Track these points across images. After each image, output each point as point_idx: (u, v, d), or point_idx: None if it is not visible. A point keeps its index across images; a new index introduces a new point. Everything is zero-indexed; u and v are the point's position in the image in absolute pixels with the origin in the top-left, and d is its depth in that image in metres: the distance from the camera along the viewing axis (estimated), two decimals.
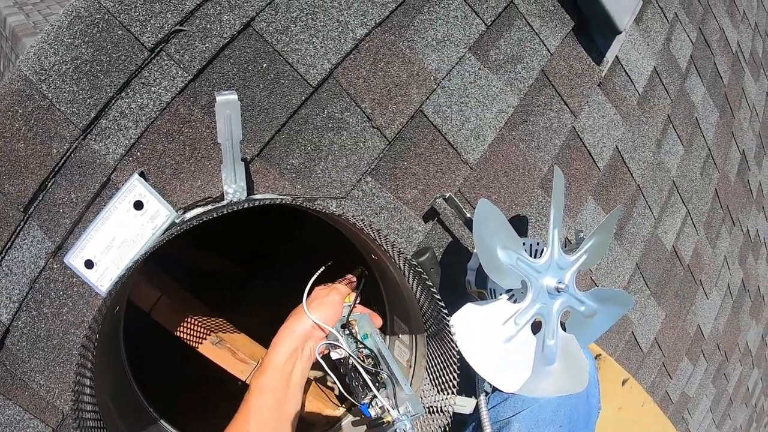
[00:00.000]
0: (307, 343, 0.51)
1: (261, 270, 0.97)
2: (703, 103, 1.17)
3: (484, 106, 0.78)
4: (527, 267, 0.67)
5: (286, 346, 0.50)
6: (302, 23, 0.67)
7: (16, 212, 0.62)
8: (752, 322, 1.40)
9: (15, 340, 0.67)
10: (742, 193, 1.36)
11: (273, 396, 0.48)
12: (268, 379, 0.48)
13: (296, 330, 0.51)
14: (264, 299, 0.94)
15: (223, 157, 0.53)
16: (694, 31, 1.15)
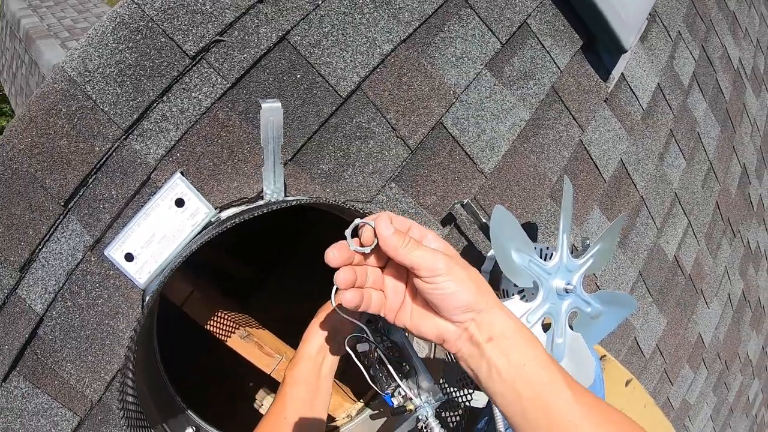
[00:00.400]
0: (335, 337, 0.55)
1: (276, 269, 1.02)
2: (704, 118, 1.23)
3: (499, 120, 0.84)
4: (538, 269, 0.72)
5: (317, 339, 0.54)
6: (333, 38, 0.73)
7: (57, 206, 0.66)
8: (753, 333, 1.44)
9: (48, 330, 0.72)
10: (742, 205, 1.41)
11: (306, 387, 0.52)
12: (301, 371, 0.52)
13: (326, 324, 0.55)
14: (280, 297, 0.98)
15: (265, 159, 0.58)
16: (697, 48, 1.22)
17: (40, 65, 2.18)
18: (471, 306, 0.36)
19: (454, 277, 0.36)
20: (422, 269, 0.36)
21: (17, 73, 3.09)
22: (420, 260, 0.36)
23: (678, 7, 1.14)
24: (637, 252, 1.03)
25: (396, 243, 0.36)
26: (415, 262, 0.36)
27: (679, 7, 1.14)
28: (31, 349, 0.73)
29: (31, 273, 0.71)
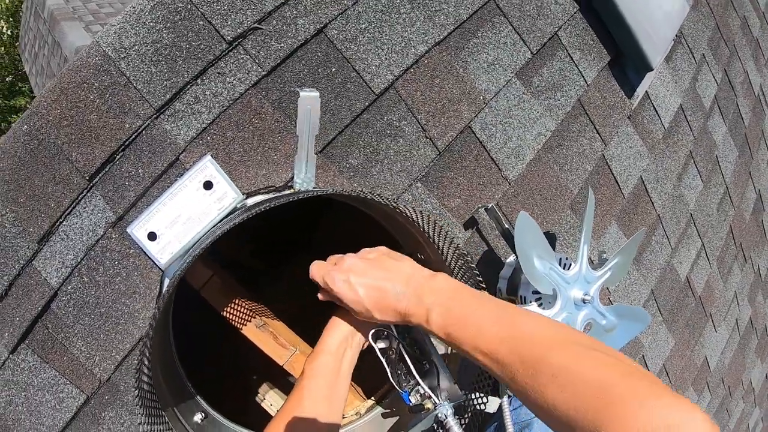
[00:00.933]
0: (356, 332, 0.55)
1: (290, 261, 1.02)
2: (723, 142, 1.25)
3: (525, 128, 0.86)
4: (558, 277, 0.73)
5: (337, 333, 0.54)
6: (370, 35, 0.75)
7: (81, 180, 0.66)
8: (757, 360, 1.45)
9: (62, 305, 0.72)
10: (755, 231, 1.43)
11: (325, 380, 0.51)
12: (320, 364, 0.52)
13: (347, 319, 0.54)
14: (294, 289, 0.98)
15: (299, 148, 0.59)
16: (720, 72, 1.25)
17: (63, 47, 2.18)
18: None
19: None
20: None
21: (39, 54, 3.09)
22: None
23: (703, 30, 1.16)
24: (651, 270, 1.05)
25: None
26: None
27: (705, 30, 1.17)
28: (43, 323, 0.73)
29: (50, 246, 0.71)
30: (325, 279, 0.50)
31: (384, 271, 0.48)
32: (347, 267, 0.49)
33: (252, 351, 0.72)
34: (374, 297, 0.47)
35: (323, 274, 0.50)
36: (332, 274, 0.49)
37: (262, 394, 0.90)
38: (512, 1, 0.85)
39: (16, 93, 5.48)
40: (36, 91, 3.07)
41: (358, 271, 0.48)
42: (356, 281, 0.47)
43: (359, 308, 0.47)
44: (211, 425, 0.70)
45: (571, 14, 0.90)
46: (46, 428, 0.75)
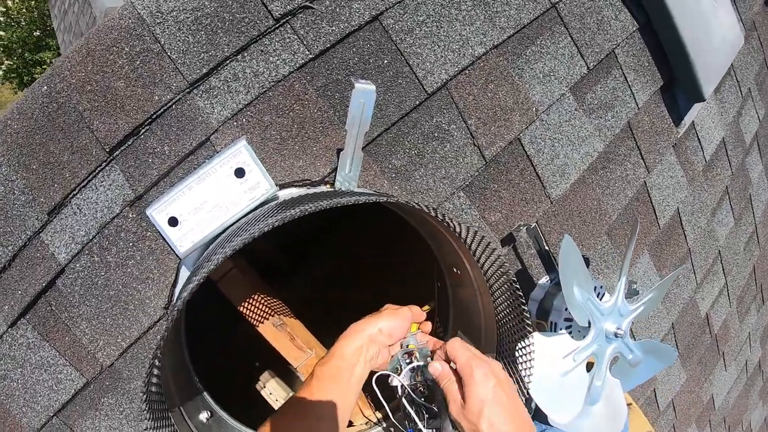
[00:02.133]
0: (371, 346, 0.52)
1: (311, 257, 0.98)
2: (759, 180, 1.22)
3: (574, 146, 0.81)
4: (594, 308, 0.70)
5: (354, 342, 0.51)
6: (427, 29, 0.69)
7: (101, 152, 0.59)
8: (759, 403, 1.44)
9: (68, 282, 0.67)
10: None
11: (335, 385, 0.49)
12: (332, 368, 0.49)
13: (365, 330, 0.52)
14: (314, 290, 0.94)
15: (346, 143, 0.54)
16: (763, 108, 1.21)
17: (93, 6, 2.08)
18: None
19: None
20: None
21: (68, 11, 2.95)
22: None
23: (752, 64, 1.13)
24: (675, 304, 1.02)
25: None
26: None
27: (753, 65, 1.13)
28: (46, 299, 0.68)
29: (60, 218, 0.66)
30: (471, 360, 0.47)
31: (520, 407, 0.47)
32: (497, 372, 0.47)
33: (259, 341, 0.69)
34: (499, 415, 0.44)
35: (470, 355, 0.48)
36: (480, 361, 0.47)
37: (263, 382, 0.86)
38: (574, 12, 0.80)
39: (42, 48, 5.37)
40: (62, 48, 2.97)
41: (504, 384, 0.47)
42: (497, 389, 0.45)
43: (476, 407, 0.44)
44: (217, 425, 0.66)
45: (630, 32, 0.86)
46: (41, 408, 0.70)
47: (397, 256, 0.73)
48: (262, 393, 0.87)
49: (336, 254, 0.94)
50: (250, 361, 0.79)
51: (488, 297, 0.59)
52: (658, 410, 1.06)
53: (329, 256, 0.94)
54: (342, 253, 0.92)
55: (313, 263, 0.96)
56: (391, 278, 0.79)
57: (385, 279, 0.70)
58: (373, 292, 0.62)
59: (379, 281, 0.69)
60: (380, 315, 0.54)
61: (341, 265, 0.94)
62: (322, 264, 0.95)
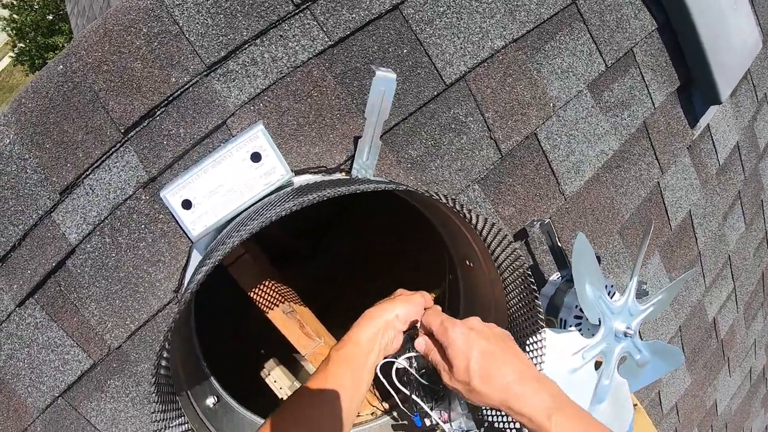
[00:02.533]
0: (387, 332, 0.52)
1: (322, 243, 0.97)
2: None
3: (589, 144, 0.81)
4: (605, 306, 0.70)
5: (369, 328, 0.51)
6: (447, 20, 0.69)
7: (115, 132, 0.59)
8: (761, 411, 1.44)
9: (78, 263, 0.67)
10: None
11: (351, 370, 0.49)
12: (348, 353, 0.49)
13: (381, 316, 0.52)
14: (325, 279, 0.94)
15: (365, 131, 0.54)
16: None
17: None
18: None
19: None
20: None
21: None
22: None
23: None
24: (683, 306, 1.01)
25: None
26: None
27: None
28: (55, 280, 0.68)
29: (72, 199, 0.66)
30: (445, 323, 0.47)
31: (512, 353, 0.46)
32: (471, 325, 0.48)
33: (268, 327, 0.69)
34: (486, 365, 0.44)
35: (442, 319, 0.48)
36: (453, 322, 0.48)
37: (268, 370, 0.86)
38: (593, 8, 0.80)
39: (55, 32, 5.38)
40: (75, 32, 2.96)
41: (482, 334, 0.47)
42: (475, 340, 0.46)
43: (461, 364, 0.45)
44: (223, 410, 0.67)
45: (648, 32, 0.86)
46: (47, 388, 0.70)
47: (409, 244, 0.73)
48: (267, 380, 0.87)
49: (348, 242, 0.94)
50: (259, 348, 0.79)
51: (501, 290, 0.59)
52: (662, 413, 1.06)
53: (341, 243, 0.94)
54: (354, 240, 0.92)
55: (325, 250, 0.96)
56: (403, 265, 0.79)
57: (396, 266, 0.70)
58: (384, 279, 0.61)
59: (390, 268, 0.69)
60: (395, 301, 0.54)
61: (353, 251, 0.94)
62: (333, 251, 0.95)
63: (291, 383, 0.89)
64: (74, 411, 0.71)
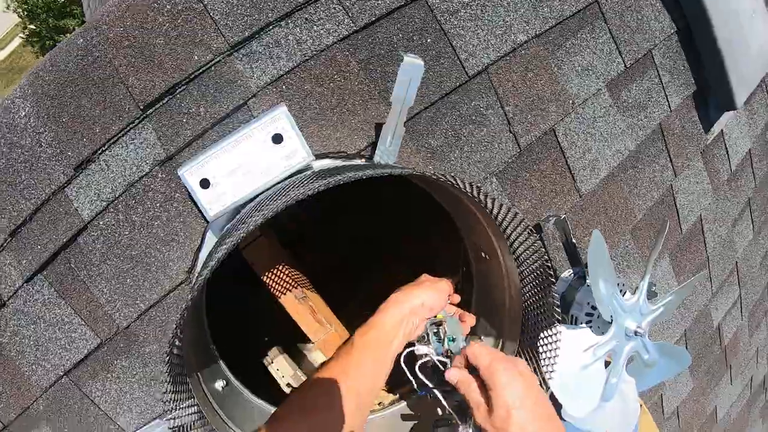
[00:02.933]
0: (412, 319, 0.52)
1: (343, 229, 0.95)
2: None
3: (606, 142, 0.82)
4: (617, 304, 0.71)
5: (393, 313, 0.51)
6: (472, 11, 0.69)
7: (134, 108, 0.59)
8: (759, 421, 1.45)
9: (90, 240, 0.66)
10: None
11: (374, 356, 0.48)
12: (372, 338, 0.49)
13: (407, 302, 0.52)
14: (338, 267, 0.93)
15: (389, 116, 0.54)
16: None
17: None
18: None
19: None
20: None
21: None
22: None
23: None
24: (689, 311, 1.02)
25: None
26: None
27: None
28: (66, 256, 0.67)
29: (87, 174, 0.65)
30: (494, 364, 0.45)
31: (553, 415, 0.45)
32: (524, 371, 0.46)
33: (278, 313, 0.68)
34: (525, 421, 0.42)
35: (492, 358, 0.46)
36: (505, 363, 0.46)
37: (271, 358, 0.86)
38: (615, 9, 0.80)
39: (66, 14, 5.35)
40: (87, 15, 2.93)
41: (531, 387, 0.45)
42: (524, 392, 0.44)
43: (502, 413, 0.43)
44: (231, 394, 0.66)
45: (668, 34, 0.86)
46: (51, 366, 0.70)
47: (423, 235, 0.73)
48: (270, 369, 0.87)
49: (362, 230, 0.93)
50: (268, 334, 0.78)
51: (516, 283, 0.59)
52: (663, 416, 1.07)
53: (355, 232, 0.94)
54: (368, 229, 0.92)
55: (339, 237, 0.95)
56: (417, 256, 0.79)
57: (409, 257, 0.70)
58: (396, 269, 0.61)
59: (403, 259, 0.69)
60: (420, 286, 0.53)
61: (367, 240, 0.94)
62: (347, 239, 0.95)
63: (294, 372, 0.88)
64: (78, 390, 0.70)
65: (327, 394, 0.44)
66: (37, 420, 0.72)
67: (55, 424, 0.72)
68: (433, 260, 0.73)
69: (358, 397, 0.45)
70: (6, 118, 0.61)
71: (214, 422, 0.58)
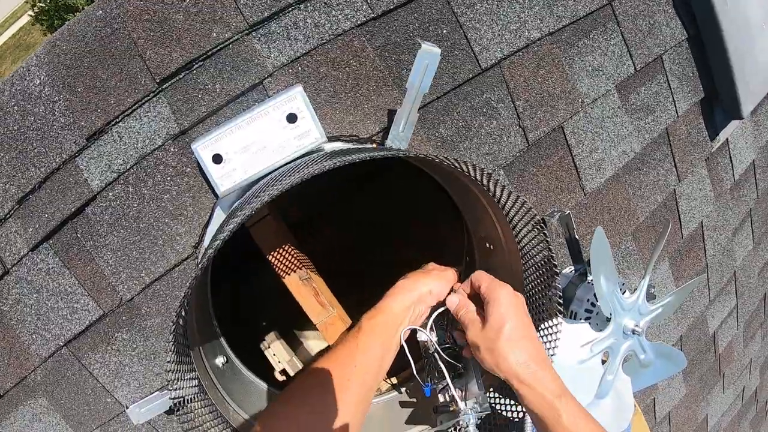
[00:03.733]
0: (418, 306, 0.52)
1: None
2: None
3: (612, 143, 0.84)
4: (617, 301, 0.73)
5: (401, 299, 0.51)
6: (488, 6, 0.71)
7: (150, 82, 0.60)
8: (750, 431, 1.49)
9: (98, 211, 0.67)
10: None
11: (380, 341, 0.49)
12: (380, 322, 0.49)
13: (416, 289, 0.53)
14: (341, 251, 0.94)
15: (404, 102, 0.55)
16: None
17: None
18: None
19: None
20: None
21: None
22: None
23: None
24: (686, 316, 1.04)
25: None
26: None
27: None
28: (73, 226, 0.68)
29: (99, 145, 0.66)
30: (495, 282, 0.50)
31: (535, 334, 0.50)
32: (517, 294, 0.51)
33: (269, 295, 0.69)
34: (517, 333, 0.47)
35: (492, 278, 0.51)
36: (503, 284, 0.50)
37: (268, 342, 0.87)
38: (628, 12, 0.83)
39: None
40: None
41: (523, 305, 0.50)
42: (518, 307, 0.49)
43: (496, 323, 0.47)
44: (231, 371, 0.68)
45: (679, 41, 0.88)
46: (52, 336, 0.71)
47: (429, 223, 0.74)
48: (266, 353, 0.88)
49: (365, 216, 0.95)
50: (267, 318, 0.80)
51: (520, 274, 0.60)
52: (654, 420, 1.09)
53: (358, 217, 0.95)
54: (372, 213, 0.93)
55: (342, 222, 0.97)
56: (420, 244, 0.80)
57: (413, 245, 0.72)
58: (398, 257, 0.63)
59: (407, 247, 0.70)
60: (429, 274, 0.55)
61: (370, 226, 0.95)
62: (350, 224, 0.96)
63: (290, 358, 0.90)
64: (78, 362, 0.71)
65: (333, 377, 0.45)
66: (33, 390, 0.73)
67: (52, 394, 0.73)
68: (441, 248, 0.75)
69: (364, 381, 0.46)
70: (21, 85, 0.62)
71: (213, 397, 0.59)
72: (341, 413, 0.44)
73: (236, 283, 0.82)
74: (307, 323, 0.71)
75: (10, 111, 0.61)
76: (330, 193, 0.94)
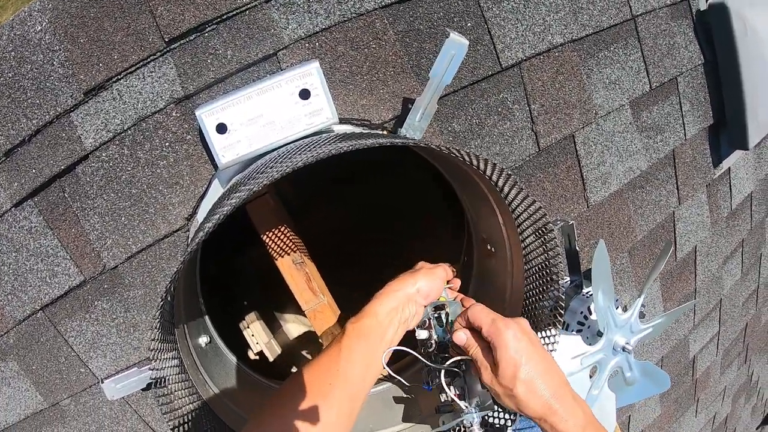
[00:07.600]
0: (407, 306, 0.50)
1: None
2: None
3: (620, 158, 0.82)
4: (611, 317, 0.72)
5: (389, 301, 0.49)
6: (515, 4, 0.68)
7: (158, 40, 0.56)
8: None
9: (89, 171, 0.63)
10: (764, 338, 1.47)
11: (366, 344, 0.47)
12: (364, 326, 0.47)
13: (402, 290, 0.50)
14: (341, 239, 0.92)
15: (425, 91, 0.52)
16: None
17: None
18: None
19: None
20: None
21: None
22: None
23: None
24: (670, 338, 1.04)
25: None
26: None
27: None
28: (60, 184, 0.64)
29: (96, 102, 0.62)
30: (497, 323, 0.45)
31: (555, 367, 0.45)
32: (524, 329, 0.45)
33: (255, 276, 0.66)
34: (532, 375, 0.43)
35: (494, 317, 0.46)
36: (506, 322, 0.45)
37: (248, 323, 0.84)
38: (650, 30, 0.81)
39: None
40: None
41: (533, 341, 0.44)
42: (527, 347, 0.44)
43: (509, 371, 0.43)
44: (213, 352, 0.64)
45: (695, 65, 0.88)
46: (28, 298, 0.67)
47: (429, 217, 0.72)
48: (245, 333, 0.85)
49: (367, 207, 0.92)
50: (248, 298, 0.76)
51: (521, 280, 0.58)
52: None
53: (361, 203, 0.92)
54: (373, 206, 0.90)
55: (341, 210, 0.94)
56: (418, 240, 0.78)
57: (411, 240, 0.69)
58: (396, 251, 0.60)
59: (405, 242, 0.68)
60: (416, 274, 0.52)
61: (371, 215, 0.92)
62: (350, 212, 0.93)
63: (268, 340, 0.87)
64: (53, 328, 0.67)
65: (312, 387, 0.42)
66: (5, 353, 0.68)
67: (23, 359, 0.69)
68: (436, 244, 0.73)
69: (346, 389, 0.43)
70: (20, 30, 0.57)
71: (194, 378, 0.56)
72: (322, 419, 0.41)
73: (219, 260, 0.78)
74: (287, 307, 0.68)
75: (6, 57, 0.56)
76: (324, 177, 0.90)
